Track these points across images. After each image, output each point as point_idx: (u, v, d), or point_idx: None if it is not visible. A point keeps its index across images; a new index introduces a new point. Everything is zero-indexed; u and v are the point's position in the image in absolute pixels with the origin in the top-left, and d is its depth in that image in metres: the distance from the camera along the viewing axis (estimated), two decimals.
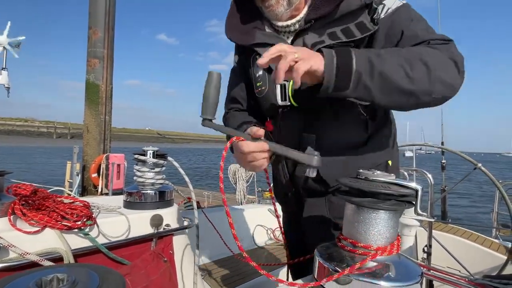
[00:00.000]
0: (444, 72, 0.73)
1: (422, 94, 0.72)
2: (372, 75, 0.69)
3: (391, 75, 0.69)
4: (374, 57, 0.70)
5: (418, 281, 0.58)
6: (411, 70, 0.70)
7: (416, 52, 0.74)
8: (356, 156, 0.92)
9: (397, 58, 0.71)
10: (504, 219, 3.02)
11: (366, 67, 0.69)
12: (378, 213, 0.60)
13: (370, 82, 0.69)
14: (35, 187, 1.15)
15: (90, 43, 4.80)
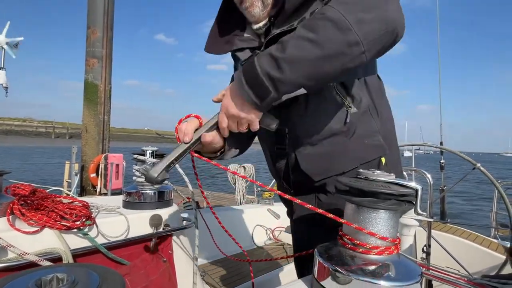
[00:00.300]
0: (358, 10, 0.60)
1: (347, 48, 0.60)
2: (280, 67, 0.63)
3: (297, 55, 0.61)
4: (275, 49, 0.64)
5: (418, 281, 0.58)
6: (316, 34, 0.61)
7: (319, 11, 0.65)
8: (336, 149, 0.87)
9: (298, 31, 0.63)
10: (503, 219, 3.03)
11: (270, 64, 0.64)
12: (378, 212, 0.60)
13: (281, 74, 0.63)
14: (33, 187, 1.15)
15: (88, 42, 4.80)
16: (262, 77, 0.64)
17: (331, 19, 0.60)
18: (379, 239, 0.61)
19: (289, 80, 0.64)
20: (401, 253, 0.64)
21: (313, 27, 0.62)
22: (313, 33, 0.61)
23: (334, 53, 0.61)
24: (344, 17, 0.59)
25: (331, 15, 0.60)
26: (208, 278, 2.36)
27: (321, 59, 0.61)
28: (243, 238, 3.02)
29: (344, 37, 0.59)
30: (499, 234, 2.94)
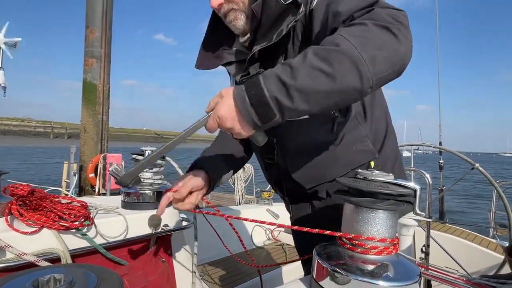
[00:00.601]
0: (373, 48, 0.60)
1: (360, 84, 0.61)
2: (290, 94, 0.61)
3: (309, 85, 0.60)
4: (284, 73, 0.62)
5: (417, 281, 0.58)
6: (331, 67, 0.60)
7: (331, 41, 0.63)
8: (325, 157, 0.89)
9: (311, 60, 0.61)
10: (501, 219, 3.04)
11: (279, 89, 0.61)
12: (376, 213, 0.60)
13: (291, 102, 0.61)
14: (32, 187, 1.14)
15: (87, 42, 4.79)
16: (269, 100, 0.62)
17: (347, 54, 0.59)
18: (378, 239, 0.61)
19: (297, 109, 0.62)
20: (399, 253, 0.64)
21: (328, 59, 0.60)
22: (328, 66, 0.60)
23: (346, 88, 0.61)
24: (360, 54, 0.59)
25: (346, 49, 0.60)
26: (207, 278, 2.36)
27: (333, 92, 0.61)
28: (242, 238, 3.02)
29: (358, 74, 0.60)
30: (497, 234, 2.94)
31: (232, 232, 1.13)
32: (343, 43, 0.61)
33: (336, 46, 0.61)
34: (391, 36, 0.61)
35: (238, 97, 0.65)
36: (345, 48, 0.60)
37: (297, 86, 0.60)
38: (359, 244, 0.61)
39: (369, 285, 0.56)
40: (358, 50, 0.59)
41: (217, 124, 0.69)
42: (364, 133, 0.89)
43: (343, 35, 0.62)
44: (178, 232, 1.39)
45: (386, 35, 0.61)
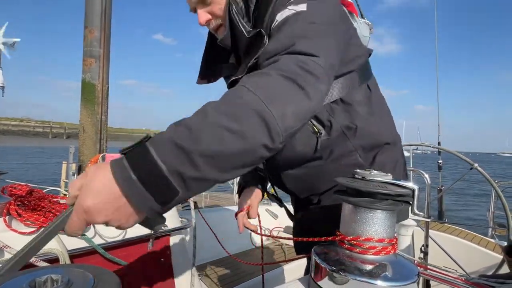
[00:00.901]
0: (281, 102, 0.55)
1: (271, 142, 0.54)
2: (194, 164, 0.50)
3: (217, 148, 0.51)
4: (182, 137, 0.51)
5: (415, 281, 0.58)
6: (239, 124, 0.52)
7: (235, 95, 0.57)
8: (314, 171, 0.89)
9: (214, 117, 0.53)
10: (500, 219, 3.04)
11: (179, 159, 0.49)
12: (375, 212, 0.60)
13: (197, 172, 0.50)
14: (30, 187, 1.14)
15: (86, 42, 4.76)
16: (167, 175, 0.49)
17: (255, 109, 0.53)
18: (376, 240, 0.61)
19: (205, 178, 0.52)
20: (398, 253, 0.64)
21: (234, 116, 0.52)
22: (235, 123, 0.52)
23: (257, 145, 0.53)
24: (268, 109, 0.53)
25: (253, 104, 0.53)
26: (206, 278, 2.35)
27: (244, 152, 0.53)
28: (241, 238, 3.02)
29: (267, 130, 0.53)
30: (496, 234, 2.95)
31: (231, 232, 1.13)
32: (249, 96, 0.54)
33: (241, 100, 0.54)
34: (298, 89, 0.57)
35: (120, 177, 0.49)
36: (252, 102, 0.54)
37: (202, 151, 0.50)
38: (357, 244, 0.61)
39: (368, 285, 0.56)
40: (266, 105, 0.53)
41: (84, 222, 0.50)
42: (352, 148, 0.87)
43: (248, 87, 0.56)
44: (177, 232, 1.39)
45: (293, 89, 0.57)
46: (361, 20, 1.58)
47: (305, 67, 0.59)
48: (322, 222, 0.90)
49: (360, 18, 1.59)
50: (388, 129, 0.92)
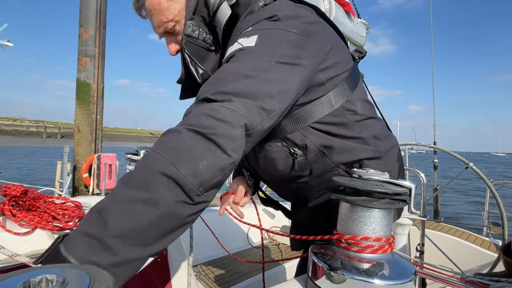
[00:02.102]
0: (190, 160, 0.52)
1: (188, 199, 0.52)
2: (108, 248, 0.46)
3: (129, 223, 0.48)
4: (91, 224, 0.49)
5: (412, 279, 0.58)
6: (148, 191, 0.50)
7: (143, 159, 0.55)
8: (299, 186, 0.89)
9: (121, 192, 0.51)
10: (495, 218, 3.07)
11: (91, 249, 0.47)
12: (372, 211, 0.60)
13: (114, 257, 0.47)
14: (25, 187, 1.13)
15: (81, 41, 4.74)
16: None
17: (164, 173, 0.51)
18: (373, 238, 0.61)
19: (128, 259, 0.49)
20: (395, 252, 0.65)
21: (143, 184, 0.50)
22: (144, 191, 0.50)
23: (174, 207, 0.51)
24: (177, 169, 0.51)
25: (162, 168, 0.51)
26: (203, 278, 2.35)
27: (162, 218, 0.50)
28: (238, 238, 3.02)
29: (180, 189, 0.51)
30: (491, 233, 2.98)
31: (228, 232, 1.12)
32: (157, 160, 0.52)
33: (149, 166, 0.52)
34: (208, 142, 0.54)
35: None
36: (160, 166, 0.51)
37: (112, 233, 0.46)
38: (354, 243, 0.61)
39: (365, 283, 0.56)
40: (174, 165, 0.51)
41: None
42: (332, 165, 0.83)
43: (157, 151, 0.54)
44: None
45: (202, 143, 0.54)
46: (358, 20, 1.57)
47: (216, 116, 0.55)
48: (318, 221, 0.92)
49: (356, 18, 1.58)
50: (371, 144, 0.85)
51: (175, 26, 0.79)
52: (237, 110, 0.57)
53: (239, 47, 0.66)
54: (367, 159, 0.83)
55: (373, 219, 0.61)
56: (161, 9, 0.77)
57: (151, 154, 0.54)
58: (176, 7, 0.77)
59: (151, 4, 0.78)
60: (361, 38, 1.55)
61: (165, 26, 0.79)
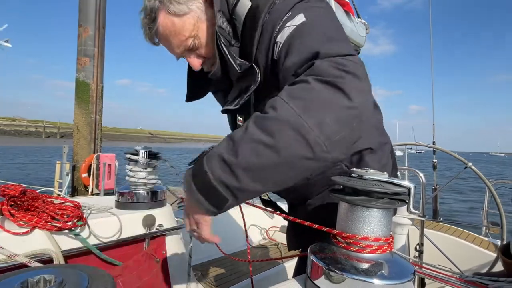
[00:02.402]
0: (318, 110, 0.53)
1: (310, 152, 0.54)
2: (235, 175, 0.54)
3: (252, 161, 0.53)
4: (227, 151, 0.55)
5: (411, 279, 0.58)
6: (272, 138, 0.53)
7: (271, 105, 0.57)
8: (302, 185, 0.90)
9: (251, 131, 0.55)
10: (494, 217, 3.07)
11: (223, 170, 0.55)
12: (371, 211, 0.60)
13: (238, 183, 0.54)
14: (24, 187, 1.13)
15: (80, 41, 4.74)
16: (215, 184, 0.55)
17: (288, 121, 0.53)
18: (372, 238, 0.61)
19: (248, 189, 0.55)
20: (394, 252, 0.65)
21: (267, 129, 0.53)
22: (268, 137, 0.53)
23: (294, 158, 0.53)
24: (303, 119, 0.52)
25: (286, 116, 0.53)
26: (203, 278, 2.35)
27: (280, 166, 0.54)
28: (237, 238, 3.01)
29: (305, 141, 0.53)
30: (490, 233, 2.98)
31: (227, 232, 1.12)
32: (283, 108, 0.54)
33: (276, 114, 0.54)
34: (337, 92, 0.54)
35: (187, 185, 0.59)
36: (285, 114, 0.53)
37: (239, 164, 0.53)
38: (353, 242, 0.61)
39: (364, 283, 0.56)
40: (300, 116, 0.53)
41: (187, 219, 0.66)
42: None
43: (283, 98, 0.55)
44: (173, 232, 1.38)
45: (332, 92, 0.54)
46: (357, 20, 1.57)
47: (343, 68, 0.56)
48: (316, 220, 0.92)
49: (356, 18, 1.58)
50: (370, 135, 0.87)
51: (194, 41, 0.79)
52: (358, 63, 0.59)
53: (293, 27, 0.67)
54: (365, 149, 0.84)
55: (372, 219, 0.61)
56: (176, 29, 0.77)
57: (279, 102, 0.55)
58: (190, 22, 0.77)
59: (165, 28, 0.77)
60: (361, 38, 1.55)
61: (185, 44, 0.79)
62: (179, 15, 0.76)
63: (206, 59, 0.83)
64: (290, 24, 0.68)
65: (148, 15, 0.78)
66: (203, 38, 0.80)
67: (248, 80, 0.77)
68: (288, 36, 0.68)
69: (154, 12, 0.77)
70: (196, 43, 0.80)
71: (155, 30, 0.79)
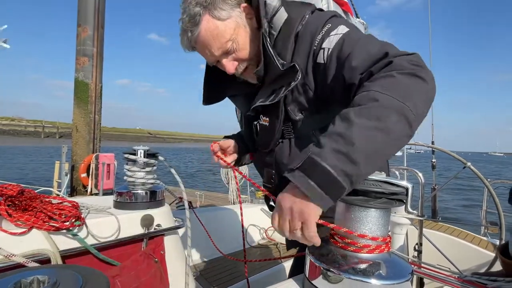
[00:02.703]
0: (411, 95, 0.65)
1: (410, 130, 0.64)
2: (354, 162, 0.59)
3: (369, 146, 0.60)
4: (339, 144, 0.60)
5: (409, 279, 0.58)
6: (383, 122, 0.61)
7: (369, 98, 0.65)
8: None
9: (359, 122, 0.62)
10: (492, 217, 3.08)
11: (342, 161, 0.59)
12: (369, 211, 0.60)
13: (358, 169, 0.59)
14: (22, 187, 1.12)
15: (79, 40, 4.72)
16: (339, 178, 0.59)
17: (391, 107, 0.62)
18: (370, 238, 0.61)
19: (364, 173, 0.61)
20: (392, 252, 0.65)
21: (376, 116, 0.62)
22: (380, 122, 0.61)
23: (400, 137, 0.63)
24: (403, 103, 0.63)
25: (390, 103, 0.63)
26: (201, 278, 2.34)
27: (390, 145, 0.63)
28: (236, 238, 3.01)
29: (407, 121, 0.63)
30: (489, 232, 2.99)
31: (226, 232, 1.12)
32: (384, 98, 0.63)
33: (379, 103, 0.63)
34: (420, 81, 0.66)
35: (304, 187, 0.60)
36: (388, 102, 0.63)
37: (358, 150, 0.59)
38: (351, 242, 0.61)
39: (362, 283, 0.56)
40: (400, 101, 0.63)
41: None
42: None
43: (379, 90, 0.64)
44: (171, 232, 1.38)
45: (417, 82, 0.66)
46: (356, 20, 1.57)
47: (416, 63, 0.68)
48: None
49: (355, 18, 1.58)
50: None
51: (232, 44, 0.88)
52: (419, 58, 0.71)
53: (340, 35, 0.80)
54: None
55: (370, 218, 0.61)
56: (219, 32, 0.86)
57: (375, 94, 0.64)
58: (231, 26, 0.87)
59: (208, 31, 0.85)
60: None
61: (225, 46, 0.87)
62: (222, 19, 0.85)
63: (240, 62, 0.91)
64: (335, 33, 0.81)
65: (192, 19, 0.85)
66: (240, 42, 0.88)
67: (286, 79, 0.85)
68: (338, 42, 0.80)
69: (198, 16, 0.84)
70: (234, 46, 0.88)
71: (197, 34, 0.86)
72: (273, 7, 0.89)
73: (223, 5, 0.85)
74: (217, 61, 0.92)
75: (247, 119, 1.08)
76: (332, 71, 0.80)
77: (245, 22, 0.89)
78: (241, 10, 0.88)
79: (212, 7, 0.84)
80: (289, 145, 0.98)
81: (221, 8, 0.85)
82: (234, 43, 0.88)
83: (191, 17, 0.85)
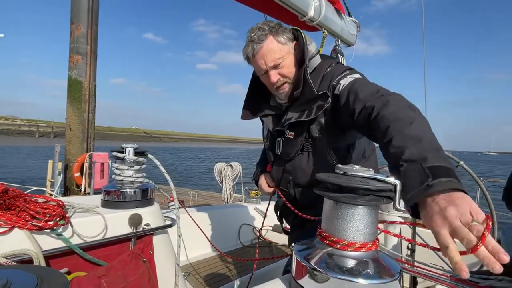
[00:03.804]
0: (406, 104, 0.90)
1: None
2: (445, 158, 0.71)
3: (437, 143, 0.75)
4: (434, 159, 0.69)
5: (397, 278, 0.56)
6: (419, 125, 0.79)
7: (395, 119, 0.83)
8: None
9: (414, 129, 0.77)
10: None
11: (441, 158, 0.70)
12: (356, 208, 0.59)
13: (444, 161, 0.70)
14: (6, 186, 1.09)
15: (72, 38, 4.67)
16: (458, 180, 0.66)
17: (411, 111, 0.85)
18: (358, 236, 0.59)
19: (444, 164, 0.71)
20: (379, 250, 0.63)
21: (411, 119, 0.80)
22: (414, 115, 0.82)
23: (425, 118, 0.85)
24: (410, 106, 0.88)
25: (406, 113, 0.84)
26: (191, 278, 2.32)
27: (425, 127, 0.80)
28: (230, 237, 2.99)
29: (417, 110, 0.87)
30: None
31: (218, 232, 1.10)
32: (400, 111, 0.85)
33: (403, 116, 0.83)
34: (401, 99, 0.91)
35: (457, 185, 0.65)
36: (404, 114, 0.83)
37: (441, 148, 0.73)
38: (337, 240, 0.60)
39: (348, 283, 0.54)
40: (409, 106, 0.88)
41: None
42: None
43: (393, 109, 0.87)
44: (161, 231, 1.35)
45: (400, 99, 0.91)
46: (348, 18, 1.57)
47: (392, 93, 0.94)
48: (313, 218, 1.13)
49: (347, 16, 1.58)
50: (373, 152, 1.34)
51: (282, 62, 1.17)
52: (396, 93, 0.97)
53: (354, 78, 1.08)
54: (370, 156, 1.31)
55: (357, 216, 0.59)
56: (276, 49, 1.16)
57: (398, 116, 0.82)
58: (284, 50, 1.17)
59: (268, 47, 1.16)
60: (352, 36, 1.55)
61: (276, 61, 1.16)
62: (280, 43, 1.17)
63: (282, 76, 1.18)
64: (351, 77, 1.09)
65: (261, 36, 1.15)
66: (287, 63, 1.18)
67: (317, 102, 1.12)
68: (351, 82, 1.07)
69: (265, 36, 1.15)
70: (282, 64, 1.17)
71: (260, 46, 1.16)
72: (312, 52, 1.20)
73: (283, 35, 1.18)
74: (266, 71, 1.18)
75: (272, 135, 1.33)
76: (343, 100, 1.04)
77: (293, 53, 1.20)
78: (293, 45, 1.20)
79: (276, 33, 1.16)
80: (308, 157, 1.21)
81: (281, 36, 1.17)
82: (283, 62, 1.17)
83: (260, 35, 1.15)
